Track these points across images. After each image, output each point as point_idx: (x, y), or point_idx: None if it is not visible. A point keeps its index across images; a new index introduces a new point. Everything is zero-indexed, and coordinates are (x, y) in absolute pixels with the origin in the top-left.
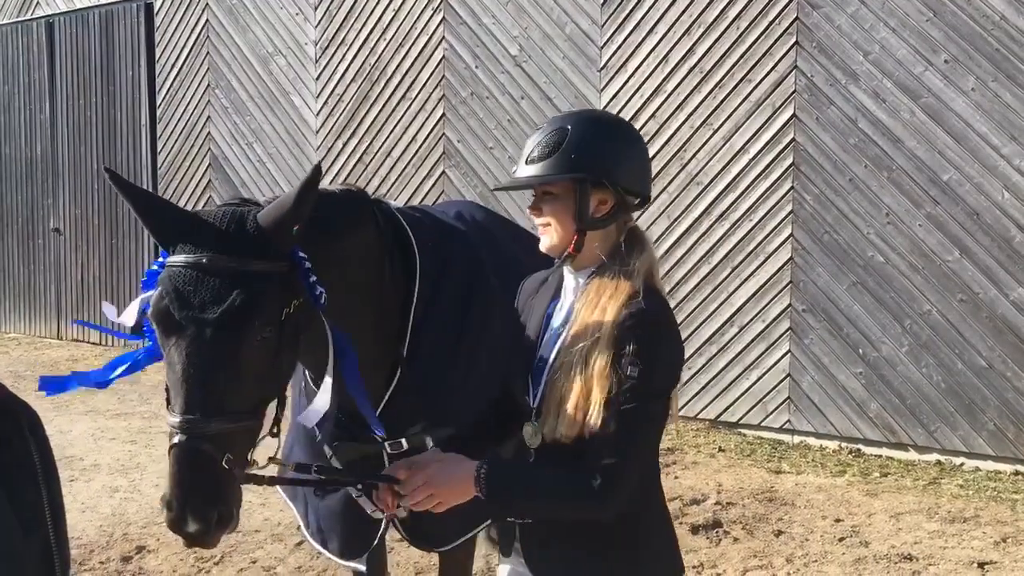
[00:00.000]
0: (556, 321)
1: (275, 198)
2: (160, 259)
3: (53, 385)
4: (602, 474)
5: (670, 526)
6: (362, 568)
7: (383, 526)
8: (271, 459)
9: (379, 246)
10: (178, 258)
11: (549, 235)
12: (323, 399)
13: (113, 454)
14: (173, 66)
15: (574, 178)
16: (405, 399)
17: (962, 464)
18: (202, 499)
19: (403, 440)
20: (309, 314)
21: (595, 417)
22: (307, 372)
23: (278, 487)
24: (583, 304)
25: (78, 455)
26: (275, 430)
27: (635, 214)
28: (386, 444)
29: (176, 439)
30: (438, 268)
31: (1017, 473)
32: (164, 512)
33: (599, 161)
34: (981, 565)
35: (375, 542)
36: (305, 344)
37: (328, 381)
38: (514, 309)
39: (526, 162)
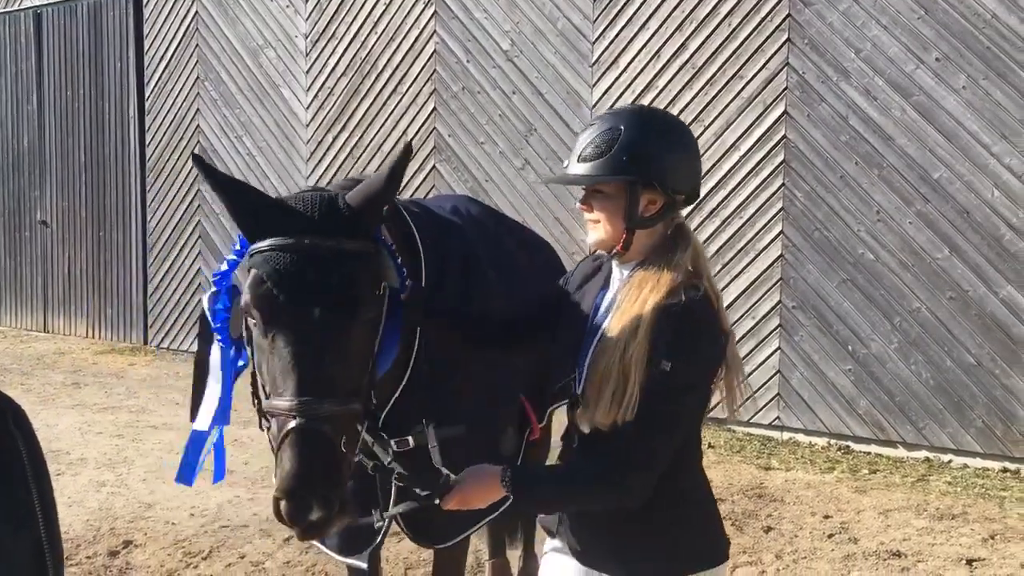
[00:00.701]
0: (601, 311)
1: (348, 182)
2: (238, 248)
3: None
4: (623, 464)
5: (710, 518)
6: (363, 566)
7: (386, 523)
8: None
9: (392, 239)
10: (273, 242)
11: (597, 231)
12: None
13: (100, 448)
14: (162, 58)
15: (625, 180)
16: (413, 396)
17: (950, 461)
18: (326, 483)
19: (410, 438)
20: (390, 298)
21: (631, 407)
22: None
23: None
24: (625, 296)
25: (64, 449)
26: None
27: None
28: (392, 442)
29: (293, 423)
30: (438, 265)
31: (1005, 470)
32: (282, 504)
33: (650, 163)
34: (969, 562)
35: (377, 540)
36: None
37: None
38: (558, 293)
39: (578, 159)
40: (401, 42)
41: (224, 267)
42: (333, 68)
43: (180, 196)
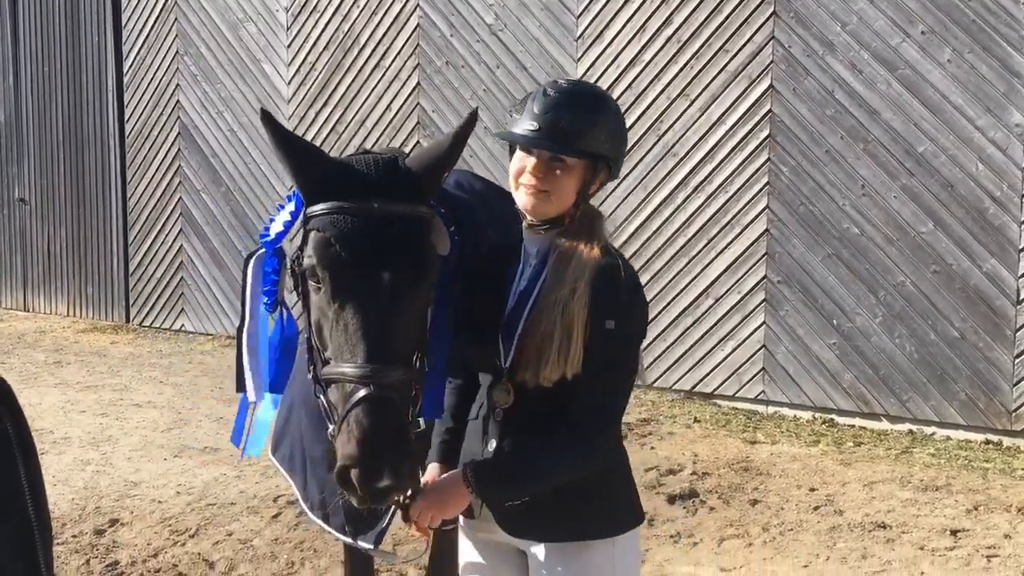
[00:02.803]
0: (523, 283)
1: (387, 150)
2: (292, 209)
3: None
4: (591, 428)
5: (631, 476)
6: (369, 546)
7: (392, 508)
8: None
9: None
10: (340, 204)
11: (542, 200)
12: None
13: (84, 427)
14: (140, 32)
15: (603, 160)
16: None
17: (933, 433)
18: (396, 450)
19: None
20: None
21: (576, 361)
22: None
23: (272, 457)
24: (557, 259)
25: (48, 428)
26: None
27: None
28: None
29: (363, 391)
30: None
31: (987, 442)
32: (352, 472)
33: (617, 146)
34: (954, 533)
35: (384, 522)
36: None
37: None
38: (474, 278)
39: (554, 129)
40: (384, 16)
41: (278, 227)
42: (315, 42)
43: (161, 172)
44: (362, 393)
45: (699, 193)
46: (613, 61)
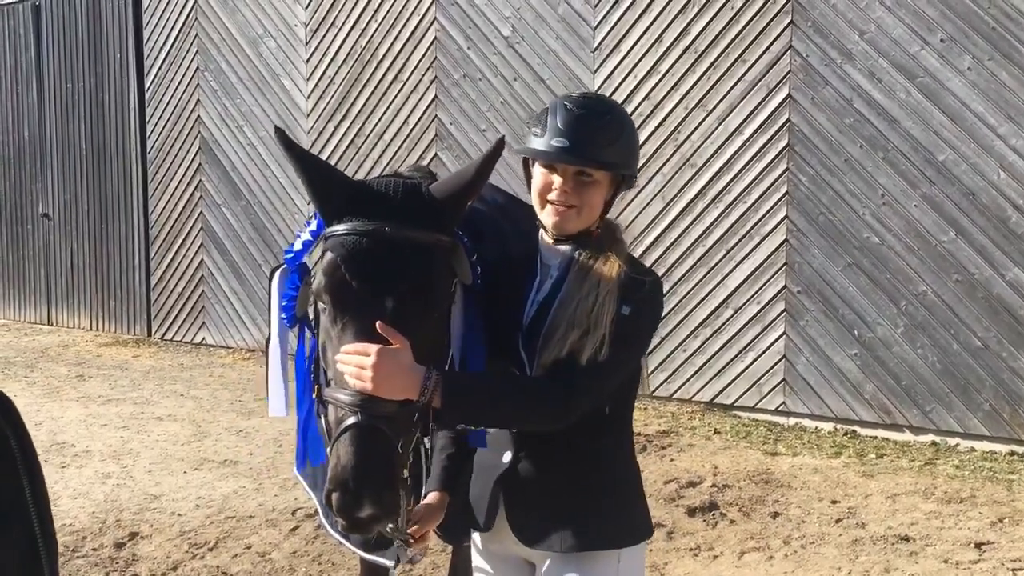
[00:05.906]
0: (542, 293)
1: (421, 170)
2: (313, 228)
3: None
4: (564, 382)
5: (642, 489)
6: (389, 564)
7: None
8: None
9: None
10: (353, 226)
11: (569, 216)
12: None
13: (105, 440)
14: (162, 48)
15: (626, 173)
16: None
17: (957, 445)
18: (380, 481)
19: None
20: (456, 296)
21: (604, 347)
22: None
23: (296, 472)
24: (583, 268)
25: (70, 441)
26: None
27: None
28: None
29: (352, 419)
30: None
31: (1013, 453)
32: (334, 495)
33: (636, 162)
34: (978, 545)
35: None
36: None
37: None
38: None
39: (584, 142)
40: (401, 30)
41: (298, 246)
42: (333, 57)
43: (182, 187)
44: (350, 421)
45: (718, 203)
46: (630, 72)
